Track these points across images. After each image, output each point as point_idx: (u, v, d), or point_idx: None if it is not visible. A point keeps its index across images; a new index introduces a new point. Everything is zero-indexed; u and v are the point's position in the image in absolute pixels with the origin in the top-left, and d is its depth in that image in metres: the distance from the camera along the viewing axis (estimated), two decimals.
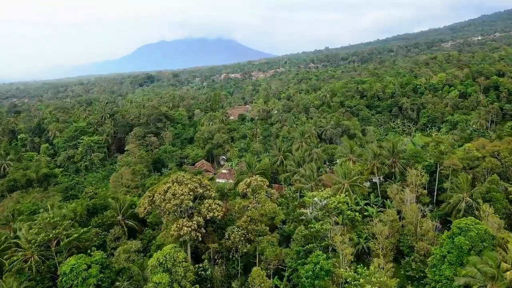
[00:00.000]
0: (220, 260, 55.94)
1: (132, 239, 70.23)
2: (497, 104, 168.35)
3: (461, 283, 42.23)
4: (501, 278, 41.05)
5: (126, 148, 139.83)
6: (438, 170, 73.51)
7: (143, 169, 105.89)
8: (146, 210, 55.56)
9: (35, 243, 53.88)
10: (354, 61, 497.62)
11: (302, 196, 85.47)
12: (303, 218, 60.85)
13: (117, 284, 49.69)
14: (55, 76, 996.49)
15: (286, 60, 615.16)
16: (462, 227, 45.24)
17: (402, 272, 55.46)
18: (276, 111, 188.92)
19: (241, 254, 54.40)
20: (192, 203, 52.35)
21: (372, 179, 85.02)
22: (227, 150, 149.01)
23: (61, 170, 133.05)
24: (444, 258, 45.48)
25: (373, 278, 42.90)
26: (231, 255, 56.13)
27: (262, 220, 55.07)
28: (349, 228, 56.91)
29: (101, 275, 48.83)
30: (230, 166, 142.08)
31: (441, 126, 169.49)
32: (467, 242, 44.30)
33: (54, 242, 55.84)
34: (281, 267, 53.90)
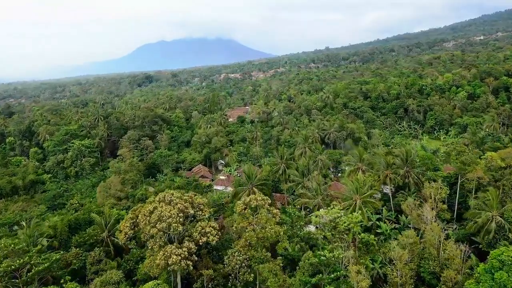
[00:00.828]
0: None
1: (119, 259, 63.15)
2: (508, 106, 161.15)
3: None
4: None
5: (118, 152, 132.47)
6: (459, 182, 66.27)
7: (134, 177, 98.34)
8: (128, 235, 48.14)
9: None
10: (355, 61, 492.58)
11: (306, 207, 78.38)
12: (311, 237, 53.53)
13: None
14: (55, 76, 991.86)
15: (286, 60, 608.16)
16: (504, 260, 37.94)
17: None
18: (277, 113, 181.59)
19: (243, 283, 47.13)
20: (182, 227, 45.08)
21: (382, 190, 77.81)
22: (226, 155, 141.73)
23: (49, 176, 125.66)
24: None
25: None
26: (230, 283, 48.87)
27: (264, 243, 47.85)
28: (363, 252, 49.72)
29: None
30: (229, 171, 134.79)
31: (449, 128, 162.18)
32: None
33: (25, 270, 48.51)
34: None
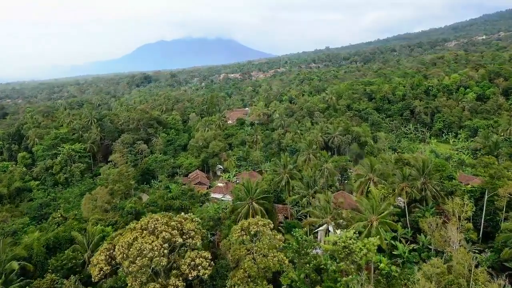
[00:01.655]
0: None
1: (103, 282, 55.96)
2: None
3: None
4: None
5: (110, 158, 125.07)
6: (486, 197, 59.02)
7: (123, 188, 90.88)
8: (102, 272, 40.69)
9: None
10: (356, 61, 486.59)
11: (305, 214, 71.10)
12: (321, 266, 46.22)
13: None
14: (55, 76, 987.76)
15: (286, 60, 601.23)
16: None
17: None
18: (277, 115, 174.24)
19: None
20: (166, 260, 37.86)
21: (396, 202, 70.53)
22: (224, 160, 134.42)
23: (37, 183, 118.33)
24: None
25: None
26: None
27: (266, 273, 40.67)
28: (382, 286, 42.49)
29: None
30: (227, 178, 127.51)
31: (458, 132, 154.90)
32: None
33: None
34: None
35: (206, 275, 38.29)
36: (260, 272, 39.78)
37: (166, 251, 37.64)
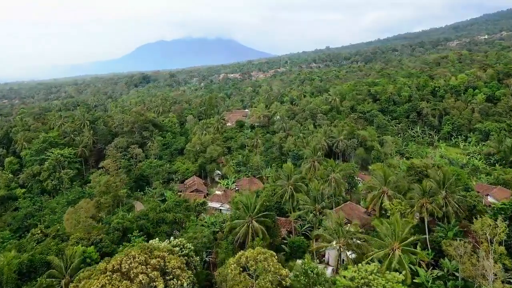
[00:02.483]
0: None
1: None
2: None
3: None
4: None
5: (101, 164, 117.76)
6: None
7: (110, 200, 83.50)
8: None
9: None
10: (358, 60, 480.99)
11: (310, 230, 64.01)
12: None
13: None
14: (55, 76, 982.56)
15: (286, 59, 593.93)
16: None
17: None
18: (278, 117, 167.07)
19: None
20: None
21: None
22: (223, 165, 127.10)
23: (23, 191, 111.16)
24: None
25: None
26: None
27: None
28: None
29: None
30: (226, 185, 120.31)
31: (468, 135, 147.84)
32: None
33: None
34: None
35: None
36: None
37: None
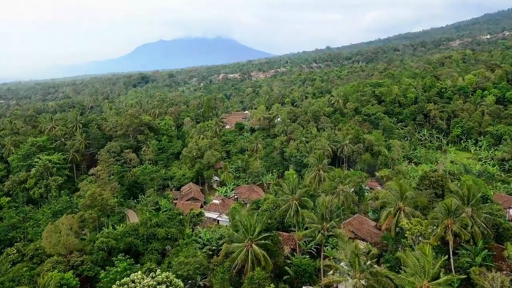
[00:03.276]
0: None
1: None
2: None
3: None
4: None
5: (91, 171, 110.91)
6: None
7: (96, 215, 76.26)
8: None
9: None
10: (359, 60, 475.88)
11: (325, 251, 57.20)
12: None
13: None
14: (54, 75, 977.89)
15: (287, 59, 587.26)
16: None
17: None
18: (279, 119, 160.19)
19: None
20: None
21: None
22: (221, 171, 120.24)
23: (8, 199, 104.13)
24: None
25: None
26: None
27: None
28: None
29: None
30: (224, 193, 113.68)
31: (479, 138, 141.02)
32: None
33: None
34: None
35: None
36: None
37: None
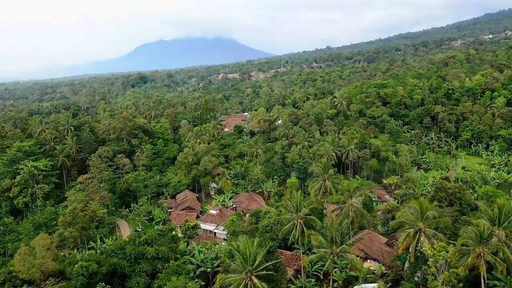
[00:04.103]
0: None
1: None
2: None
3: None
4: None
5: (79, 179, 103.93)
6: None
7: (77, 233, 68.90)
8: None
9: None
10: (360, 60, 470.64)
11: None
12: None
13: None
14: (54, 75, 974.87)
15: (287, 59, 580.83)
16: None
17: None
18: (280, 121, 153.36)
19: None
20: None
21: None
22: (219, 178, 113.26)
23: None
24: None
25: None
26: None
27: None
28: None
29: None
30: (222, 202, 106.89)
31: (490, 142, 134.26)
32: None
33: None
34: None
35: None
36: None
37: None
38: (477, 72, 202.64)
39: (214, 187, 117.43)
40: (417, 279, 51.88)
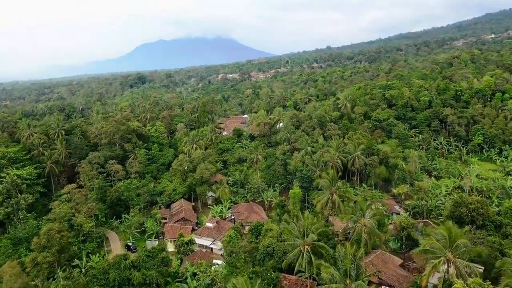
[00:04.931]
0: None
1: None
2: None
3: None
4: None
5: (64, 189, 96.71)
6: None
7: (52, 258, 61.48)
8: None
9: None
10: (361, 60, 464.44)
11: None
12: None
13: None
14: (53, 75, 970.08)
15: (287, 59, 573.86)
16: None
17: None
18: (281, 124, 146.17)
19: None
20: None
21: None
22: (217, 186, 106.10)
23: None
24: None
25: None
26: None
27: None
28: None
29: None
30: (219, 213, 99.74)
31: (503, 147, 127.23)
32: None
33: None
34: None
35: None
36: None
37: None
38: (483, 72, 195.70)
39: (211, 196, 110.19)
40: None
